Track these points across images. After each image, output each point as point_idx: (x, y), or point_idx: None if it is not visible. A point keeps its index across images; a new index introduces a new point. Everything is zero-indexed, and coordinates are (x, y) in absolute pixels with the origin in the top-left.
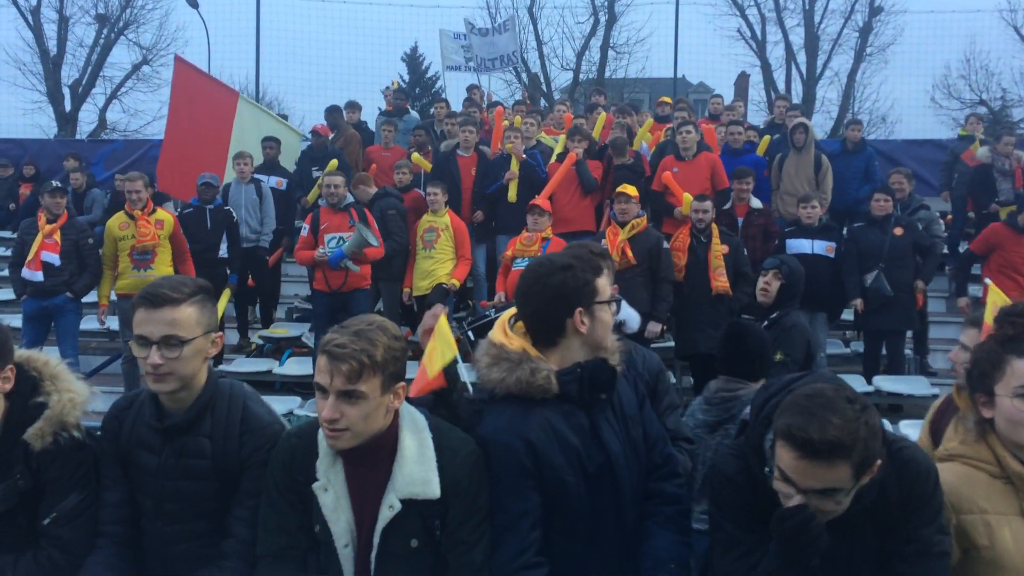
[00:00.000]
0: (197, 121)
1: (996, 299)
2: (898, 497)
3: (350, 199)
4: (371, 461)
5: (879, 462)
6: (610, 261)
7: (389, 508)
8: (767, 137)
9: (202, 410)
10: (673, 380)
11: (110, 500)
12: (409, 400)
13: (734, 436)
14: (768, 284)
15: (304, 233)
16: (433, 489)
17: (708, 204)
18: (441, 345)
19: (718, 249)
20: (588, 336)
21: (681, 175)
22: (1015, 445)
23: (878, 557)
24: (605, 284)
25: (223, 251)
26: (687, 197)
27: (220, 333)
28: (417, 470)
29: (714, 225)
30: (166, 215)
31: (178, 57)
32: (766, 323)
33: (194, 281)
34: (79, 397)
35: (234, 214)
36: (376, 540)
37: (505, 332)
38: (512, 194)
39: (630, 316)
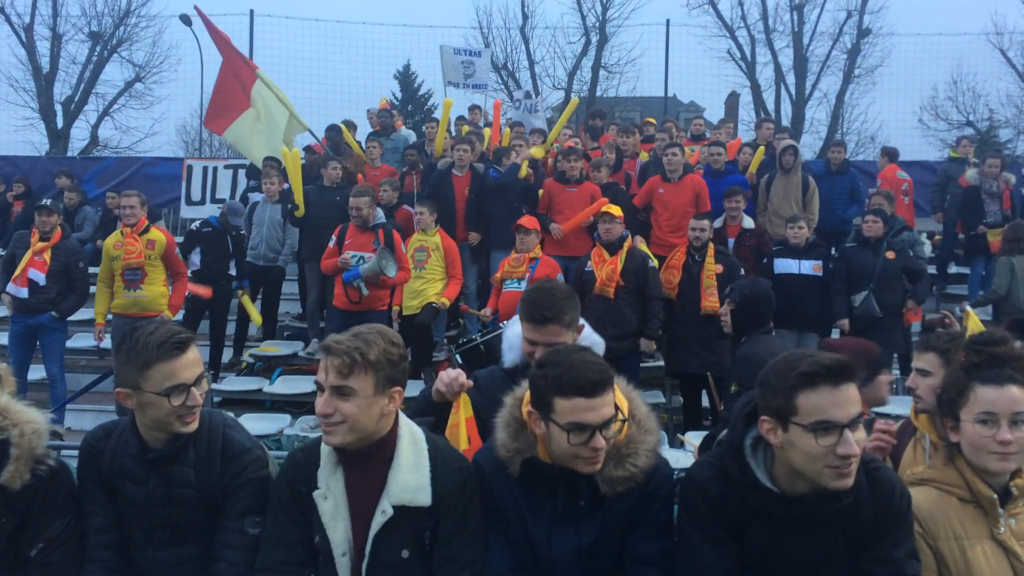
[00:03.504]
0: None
1: (973, 327)
2: (872, 515)
3: (380, 219)
4: (369, 467)
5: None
6: None
7: (382, 513)
8: (761, 149)
9: (186, 440)
10: (663, 399)
11: (95, 525)
12: (411, 418)
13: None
14: (724, 314)
15: (331, 244)
16: (425, 497)
17: (706, 223)
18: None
19: (711, 268)
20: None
21: (667, 196)
22: (981, 469)
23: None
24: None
25: (232, 267)
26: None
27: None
28: (411, 478)
29: (711, 244)
30: (159, 234)
31: (198, 9)
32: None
33: (178, 326)
34: (40, 425)
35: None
36: (368, 547)
37: None
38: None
39: (595, 342)
